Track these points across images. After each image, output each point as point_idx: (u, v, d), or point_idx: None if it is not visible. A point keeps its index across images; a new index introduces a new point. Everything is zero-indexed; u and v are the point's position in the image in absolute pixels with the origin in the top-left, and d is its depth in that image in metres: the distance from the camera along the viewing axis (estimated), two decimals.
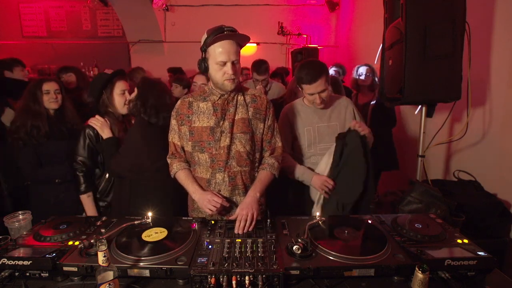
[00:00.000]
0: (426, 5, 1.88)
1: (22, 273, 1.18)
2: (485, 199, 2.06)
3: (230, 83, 1.53)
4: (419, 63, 1.91)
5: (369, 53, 4.18)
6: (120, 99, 2.02)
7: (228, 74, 1.50)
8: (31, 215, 1.60)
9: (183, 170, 1.64)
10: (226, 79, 1.51)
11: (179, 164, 1.65)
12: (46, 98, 2.13)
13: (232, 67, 1.49)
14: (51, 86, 2.15)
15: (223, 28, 1.47)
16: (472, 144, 2.41)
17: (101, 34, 7.16)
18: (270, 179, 1.65)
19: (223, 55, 1.48)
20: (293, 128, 2.02)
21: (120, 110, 2.04)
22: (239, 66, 1.54)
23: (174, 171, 1.65)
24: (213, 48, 1.49)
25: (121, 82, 2.03)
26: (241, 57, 1.56)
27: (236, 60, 1.51)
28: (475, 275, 1.17)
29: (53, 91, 2.15)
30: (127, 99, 2.01)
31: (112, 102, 2.01)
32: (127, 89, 2.04)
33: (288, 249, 1.23)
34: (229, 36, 1.48)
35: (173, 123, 1.67)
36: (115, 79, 2.02)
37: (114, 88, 2.00)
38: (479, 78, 2.24)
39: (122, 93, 2.02)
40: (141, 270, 1.15)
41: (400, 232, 1.38)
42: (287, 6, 6.57)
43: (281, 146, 1.74)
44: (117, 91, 2.01)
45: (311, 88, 1.86)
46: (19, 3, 6.98)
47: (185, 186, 1.61)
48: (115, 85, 2.01)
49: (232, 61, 1.49)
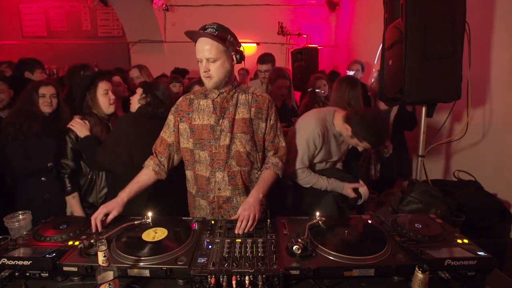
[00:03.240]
0: (426, 5, 1.88)
1: (22, 273, 1.18)
2: (485, 199, 2.06)
3: (207, 81, 1.53)
4: (419, 63, 1.91)
5: (369, 53, 4.19)
6: (104, 99, 2.05)
7: (202, 72, 1.51)
8: (31, 215, 1.60)
9: (147, 170, 1.62)
10: (203, 76, 1.53)
11: (153, 165, 1.62)
12: (42, 101, 2.15)
13: (206, 64, 1.49)
14: (47, 90, 2.17)
15: (205, 26, 1.48)
16: (472, 144, 2.41)
17: (101, 34, 7.17)
18: (273, 178, 1.65)
19: (198, 52, 1.50)
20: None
21: (106, 110, 2.07)
22: (218, 65, 1.50)
23: (145, 164, 1.64)
24: (196, 46, 1.52)
25: (104, 82, 2.06)
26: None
27: (212, 59, 1.49)
28: (475, 275, 1.17)
29: (49, 95, 2.17)
30: (111, 98, 2.06)
31: (96, 102, 2.04)
32: (110, 89, 2.07)
33: (288, 249, 1.22)
34: (201, 34, 1.47)
35: (170, 118, 1.67)
36: (97, 80, 2.04)
37: (97, 89, 2.03)
38: (479, 78, 2.24)
39: (105, 93, 2.05)
40: (141, 270, 1.14)
41: (400, 232, 1.37)
42: (287, 6, 6.57)
43: (284, 146, 1.73)
44: (100, 91, 2.04)
45: (370, 147, 1.95)
46: (19, 3, 6.99)
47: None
48: (98, 86, 2.03)
49: (206, 59, 1.49)
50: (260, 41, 6.47)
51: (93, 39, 7.06)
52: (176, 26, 6.46)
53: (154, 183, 1.63)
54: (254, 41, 6.48)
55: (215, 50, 1.48)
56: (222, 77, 1.54)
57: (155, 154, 1.66)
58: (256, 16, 6.40)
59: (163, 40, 6.51)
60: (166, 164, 1.65)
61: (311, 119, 2.00)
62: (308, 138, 1.92)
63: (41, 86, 2.17)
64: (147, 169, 1.62)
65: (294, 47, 5.88)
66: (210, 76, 1.51)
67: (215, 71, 1.51)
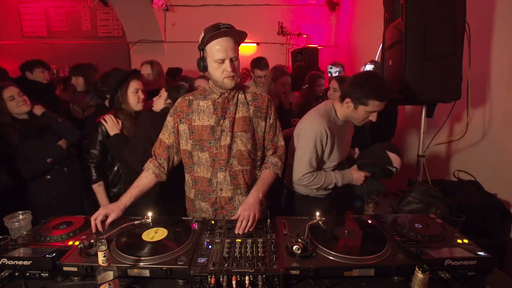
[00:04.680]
0: (426, 5, 1.88)
1: (22, 273, 1.18)
2: (485, 199, 2.06)
3: (230, 81, 1.51)
4: (419, 63, 1.91)
5: (369, 53, 4.18)
6: (134, 97, 2.14)
7: (227, 72, 1.48)
8: (31, 215, 1.60)
9: (148, 173, 1.61)
10: (225, 76, 1.50)
11: (153, 168, 1.61)
12: (13, 104, 2.09)
13: (231, 64, 1.48)
14: (12, 91, 2.10)
15: (220, 25, 1.46)
16: (472, 144, 2.41)
17: (101, 34, 7.16)
18: (273, 178, 1.65)
19: (221, 52, 1.46)
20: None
21: (134, 107, 2.16)
22: (238, 63, 1.53)
23: (145, 167, 1.63)
24: (210, 46, 1.48)
25: (135, 81, 2.15)
26: (241, 57, 1.55)
27: (235, 57, 1.49)
28: (475, 275, 1.17)
29: (16, 94, 2.11)
30: (140, 97, 2.15)
31: (126, 99, 2.13)
32: (140, 88, 2.16)
33: (288, 249, 1.22)
34: (225, 33, 1.46)
35: (169, 119, 1.65)
36: (129, 78, 2.13)
37: (129, 87, 2.12)
38: (479, 78, 2.24)
39: (135, 91, 2.14)
40: (141, 270, 1.15)
41: (400, 232, 1.38)
42: (287, 6, 6.57)
43: (283, 145, 1.73)
44: (131, 89, 2.13)
45: (381, 106, 1.73)
46: (19, 3, 6.98)
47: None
48: (129, 84, 2.12)
49: (230, 58, 1.47)
50: (260, 41, 6.47)
51: (93, 39, 7.05)
52: (176, 26, 6.45)
53: (154, 185, 1.63)
54: (254, 41, 6.48)
55: (236, 49, 1.50)
56: (239, 75, 1.57)
57: (154, 157, 1.65)
58: (256, 16, 6.39)
59: (163, 40, 6.50)
60: (166, 166, 1.64)
61: (313, 118, 1.86)
62: (315, 139, 1.79)
63: (3, 90, 2.07)
64: (147, 172, 1.61)
65: (294, 47, 5.89)
66: (234, 75, 1.51)
67: (237, 69, 1.53)
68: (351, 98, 1.74)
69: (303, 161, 1.83)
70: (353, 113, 1.79)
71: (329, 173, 1.91)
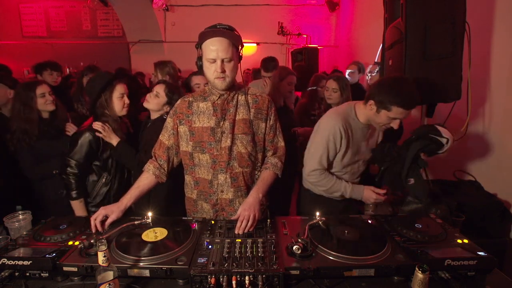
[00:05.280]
0: (426, 5, 1.88)
1: (22, 273, 1.18)
2: (485, 199, 2.06)
3: (220, 82, 1.49)
4: (419, 63, 1.91)
5: (369, 53, 4.19)
6: (119, 102, 1.98)
7: (217, 72, 1.46)
8: (31, 215, 1.60)
9: (148, 174, 1.60)
10: (215, 77, 1.48)
11: (153, 169, 1.61)
12: (43, 101, 2.12)
13: (222, 65, 1.45)
14: (44, 88, 2.13)
15: (217, 25, 1.45)
16: (472, 144, 2.41)
17: (101, 34, 7.18)
18: (273, 179, 1.65)
19: (213, 52, 1.44)
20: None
21: (118, 113, 2.01)
22: (233, 65, 1.49)
23: (145, 168, 1.63)
24: (205, 45, 1.47)
25: (121, 85, 1.99)
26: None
27: (227, 58, 1.46)
28: (475, 275, 1.17)
29: (47, 93, 2.14)
30: (125, 103, 2.00)
31: (111, 105, 1.97)
32: (126, 93, 2.01)
33: (288, 249, 1.23)
34: (218, 33, 1.43)
35: (168, 120, 1.65)
36: (115, 82, 1.97)
37: (114, 91, 1.96)
38: (479, 78, 2.24)
39: (121, 96, 1.98)
40: (141, 270, 1.15)
41: (400, 232, 1.37)
42: (287, 6, 6.58)
43: (283, 145, 1.73)
44: (116, 94, 1.97)
45: (404, 114, 1.66)
46: (19, 3, 7.00)
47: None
48: (115, 88, 1.96)
49: (222, 59, 1.45)
50: (260, 41, 6.48)
51: (93, 39, 7.06)
52: (176, 26, 6.46)
53: (154, 186, 1.63)
54: (254, 41, 6.49)
55: (232, 50, 1.46)
56: (234, 77, 1.53)
57: (155, 158, 1.65)
58: (256, 16, 6.40)
59: (163, 40, 6.51)
60: (166, 167, 1.64)
61: (330, 116, 1.85)
62: (328, 136, 1.77)
63: (37, 86, 2.11)
64: (147, 173, 1.61)
65: (294, 47, 5.89)
66: (225, 76, 1.49)
67: (230, 71, 1.49)
68: (375, 100, 1.68)
69: (314, 157, 1.85)
70: (375, 117, 1.74)
71: (340, 181, 1.88)
